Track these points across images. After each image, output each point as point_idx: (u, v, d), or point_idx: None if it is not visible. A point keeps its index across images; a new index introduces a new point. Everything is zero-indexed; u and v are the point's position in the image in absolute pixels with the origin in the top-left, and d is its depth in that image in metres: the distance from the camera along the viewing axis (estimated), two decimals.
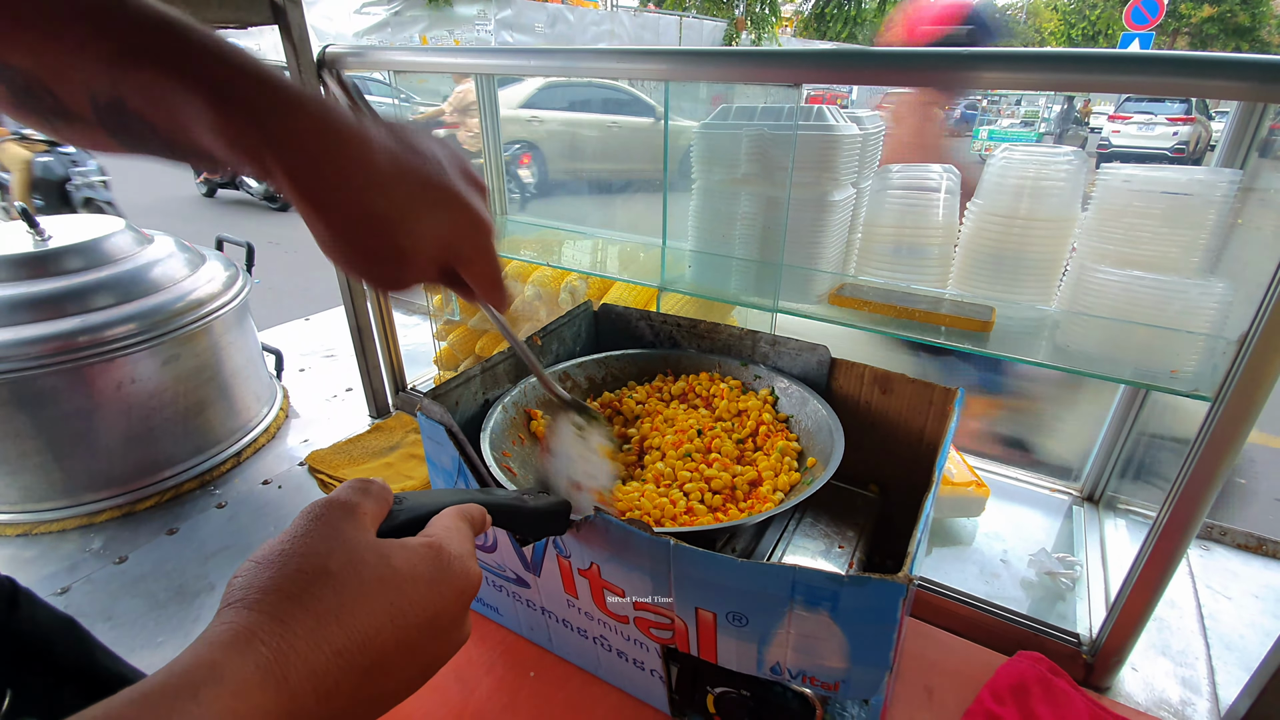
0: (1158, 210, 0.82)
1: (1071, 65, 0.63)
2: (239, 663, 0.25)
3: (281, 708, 0.25)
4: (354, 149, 0.37)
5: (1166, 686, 0.84)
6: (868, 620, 0.49)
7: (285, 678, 0.25)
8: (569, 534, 0.58)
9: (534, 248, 1.24)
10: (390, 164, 0.38)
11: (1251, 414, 0.65)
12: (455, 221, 0.41)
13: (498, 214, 1.47)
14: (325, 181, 0.36)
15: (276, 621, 0.27)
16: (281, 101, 0.35)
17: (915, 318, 0.87)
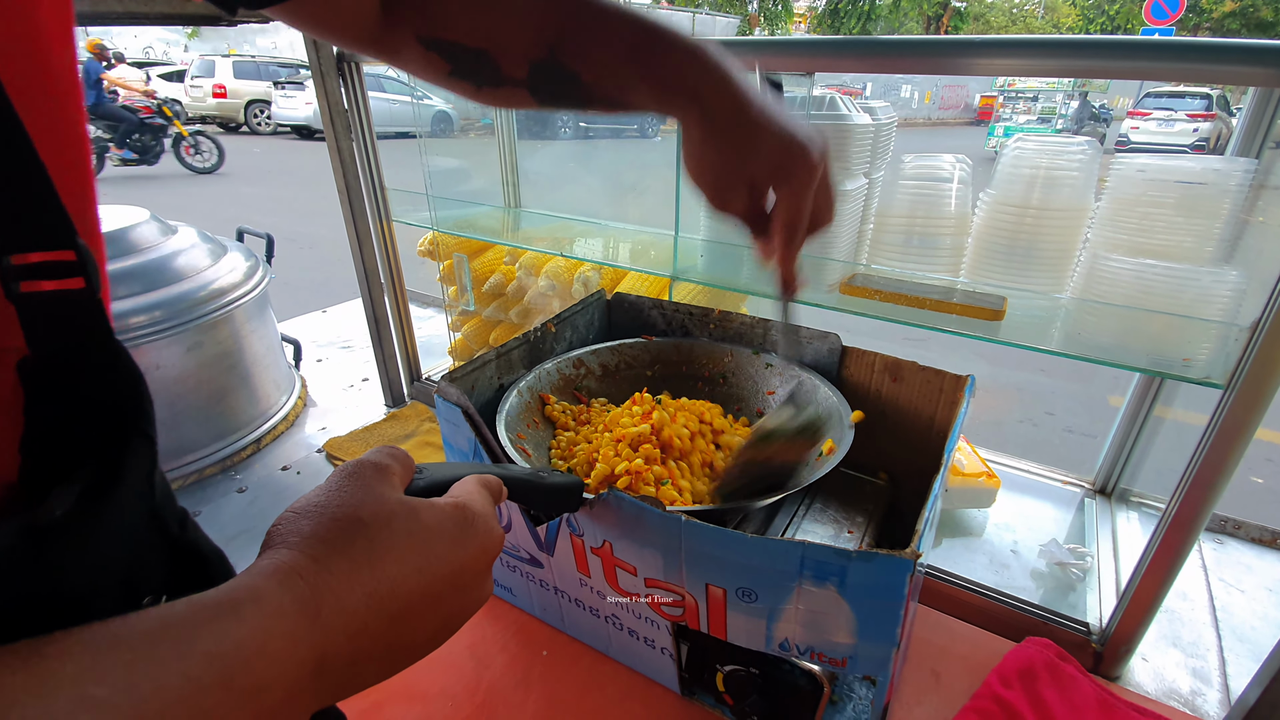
0: (1172, 199, 0.82)
1: (1082, 51, 0.63)
2: (278, 591, 0.26)
3: (313, 638, 0.26)
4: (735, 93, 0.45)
5: (1177, 677, 0.84)
6: (875, 596, 0.50)
7: (319, 611, 0.27)
8: (582, 512, 0.60)
9: (548, 240, 1.26)
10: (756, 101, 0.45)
11: (1263, 401, 0.65)
12: (779, 155, 0.46)
13: (511, 206, 1.49)
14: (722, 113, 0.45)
15: (313, 561, 0.28)
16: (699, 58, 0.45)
17: (926, 307, 0.87)
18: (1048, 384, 3.46)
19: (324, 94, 1.11)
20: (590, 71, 0.47)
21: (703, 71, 0.45)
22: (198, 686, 0.22)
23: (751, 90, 0.46)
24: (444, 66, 0.49)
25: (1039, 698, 0.68)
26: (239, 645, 0.24)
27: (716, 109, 0.45)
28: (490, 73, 0.48)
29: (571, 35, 0.46)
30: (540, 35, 0.47)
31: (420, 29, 0.48)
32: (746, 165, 0.46)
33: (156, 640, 0.22)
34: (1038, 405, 3.25)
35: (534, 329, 0.87)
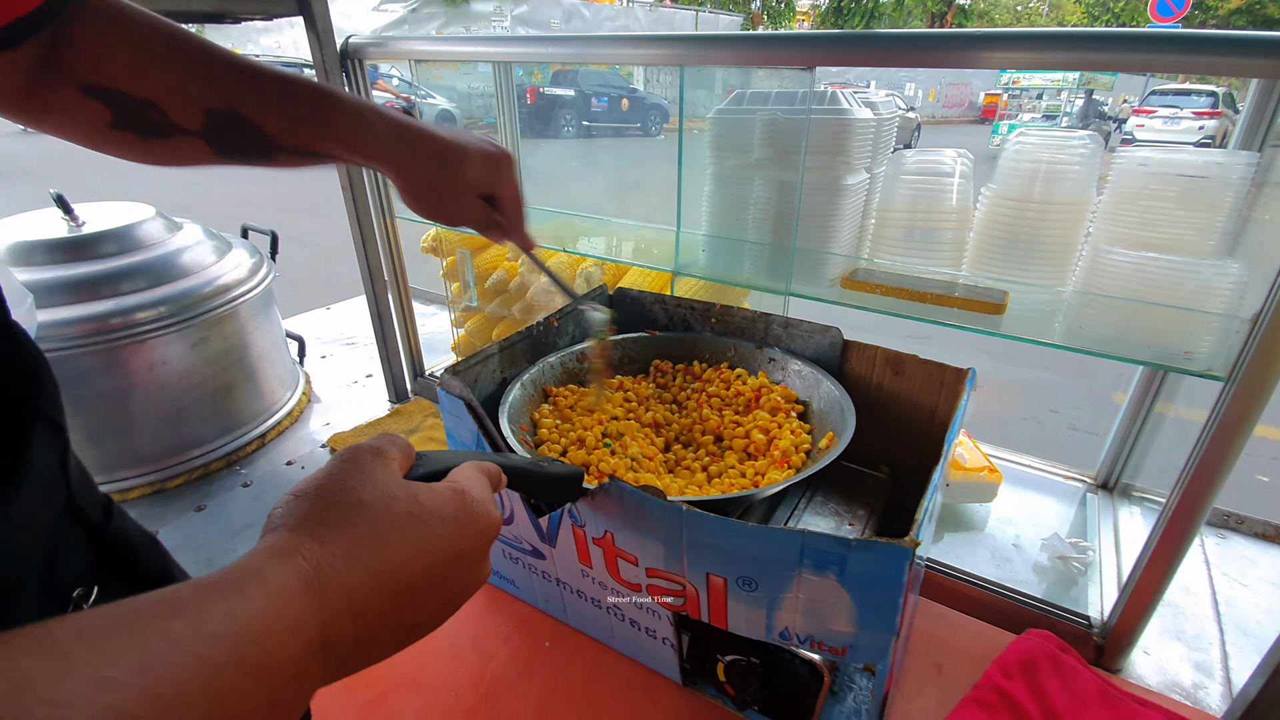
0: (1173, 193, 0.82)
1: (1080, 44, 0.63)
2: (282, 571, 0.27)
3: (319, 616, 0.27)
4: (424, 144, 0.55)
5: (1179, 670, 0.84)
6: (874, 584, 0.50)
7: (323, 590, 0.27)
8: (584, 502, 0.60)
9: (551, 236, 1.26)
10: (443, 143, 0.56)
11: (1264, 394, 0.65)
12: (486, 161, 0.58)
13: None
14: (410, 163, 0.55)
15: (316, 541, 0.29)
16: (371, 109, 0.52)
17: (928, 301, 0.87)
18: (1052, 381, 3.45)
19: None
20: (274, 123, 0.49)
21: (383, 124, 0.53)
22: (210, 666, 0.22)
23: (429, 127, 0.56)
24: (105, 116, 0.46)
25: (1040, 689, 0.68)
26: (248, 625, 0.24)
27: (419, 152, 0.55)
28: (158, 123, 0.47)
29: (250, 86, 0.49)
30: (217, 86, 0.48)
31: (83, 77, 0.45)
32: (467, 182, 0.57)
33: (167, 621, 0.23)
34: (1042, 403, 3.25)
35: (536, 323, 0.88)
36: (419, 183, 0.56)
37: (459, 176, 0.57)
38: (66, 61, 0.44)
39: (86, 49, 0.44)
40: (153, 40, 0.47)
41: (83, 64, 0.45)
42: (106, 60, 0.45)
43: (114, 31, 0.45)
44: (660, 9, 21.25)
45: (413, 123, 0.55)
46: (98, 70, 0.45)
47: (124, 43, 0.46)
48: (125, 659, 0.21)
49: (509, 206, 0.61)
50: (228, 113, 0.48)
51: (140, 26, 0.46)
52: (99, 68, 0.45)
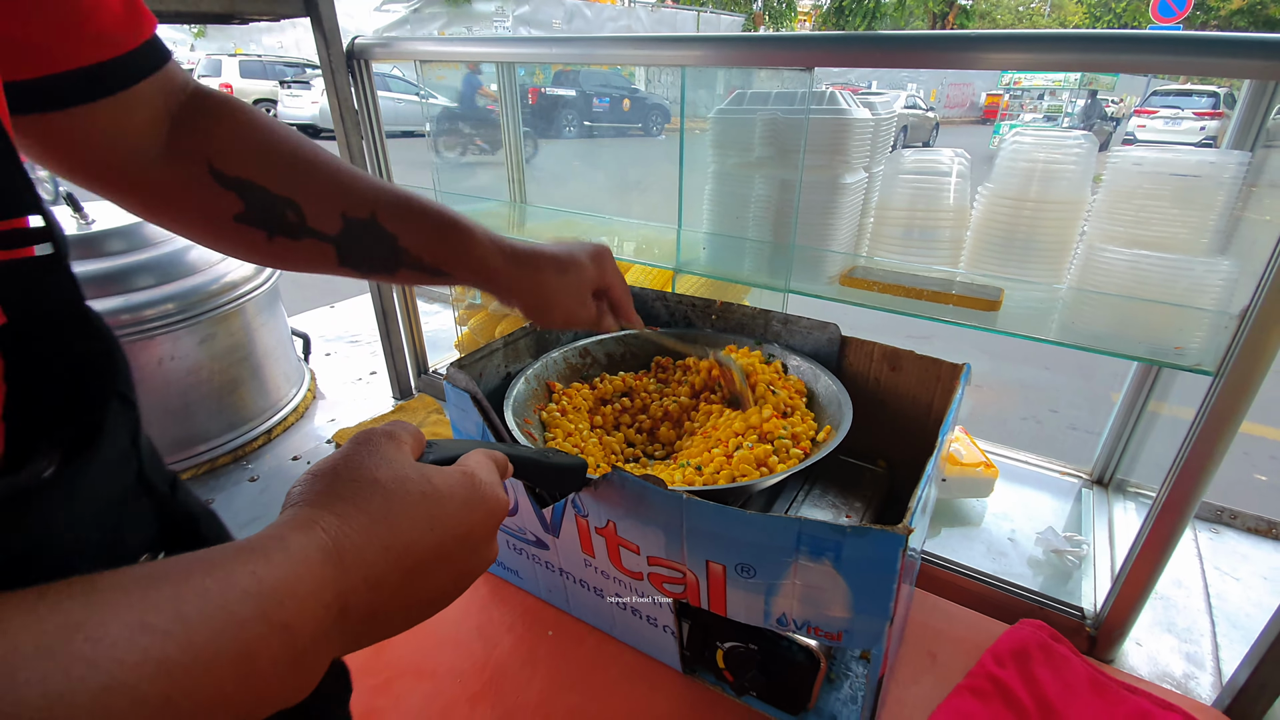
0: (1167, 192, 0.84)
1: (1070, 45, 0.65)
2: (303, 540, 0.28)
3: (336, 585, 0.28)
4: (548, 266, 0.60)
5: (1170, 661, 0.86)
6: (869, 571, 0.52)
7: (341, 560, 0.29)
8: (587, 492, 0.62)
9: (553, 235, 1.28)
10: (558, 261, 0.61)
11: (1251, 387, 0.66)
12: (595, 262, 0.64)
13: (518, 201, 1.51)
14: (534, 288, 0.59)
15: (335, 515, 0.30)
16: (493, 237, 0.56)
17: (924, 298, 0.89)
18: (1052, 380, 3.47)
19: (334, 92, 1.14)
20: (408, 237, 0.52)
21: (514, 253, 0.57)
22: (239, 619, 0.24)
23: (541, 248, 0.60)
24: (236, 207, 0.46)
25: (1032, 676, 0.69)
26: (273, 586, 0.26)
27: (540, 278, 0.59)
28: (293, 224, 0.48)
29: (390, 201, 0.51)
30: (359, 196, 0.50)
31: (217, 165, 0.45)
32: (584, 291, 0.63)
33: (199, 579, 0.24)
34: (1042, 402, 3.26)
35: None
36: (542, 303, 0.60)
37: (577, 285, 0.62)
38: (199, 146, 0.45)
39: (220, 137, 0.46)
40: (292, 144, 0.48)
41: (216, 151, 0.45)
42: (244, 152, 0.46)
43: (246, 130, 0.47)
44: (662, 10, 21.26)
45: (529, 248, 0.59)
46: (235, 161, 0.46)
47: (257, 142, 0.47)
48: (162, 609, 0.23)
49: (619, 295, 0.68)
50: (367, 221, 0.50)
51: (277, 130, 0.48)
52: (236, 158, 0.46)
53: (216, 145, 0.45)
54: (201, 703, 0.22)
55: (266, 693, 0.25)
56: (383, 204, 0.51)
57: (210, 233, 0.48)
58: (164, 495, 0.39)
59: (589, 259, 0.63)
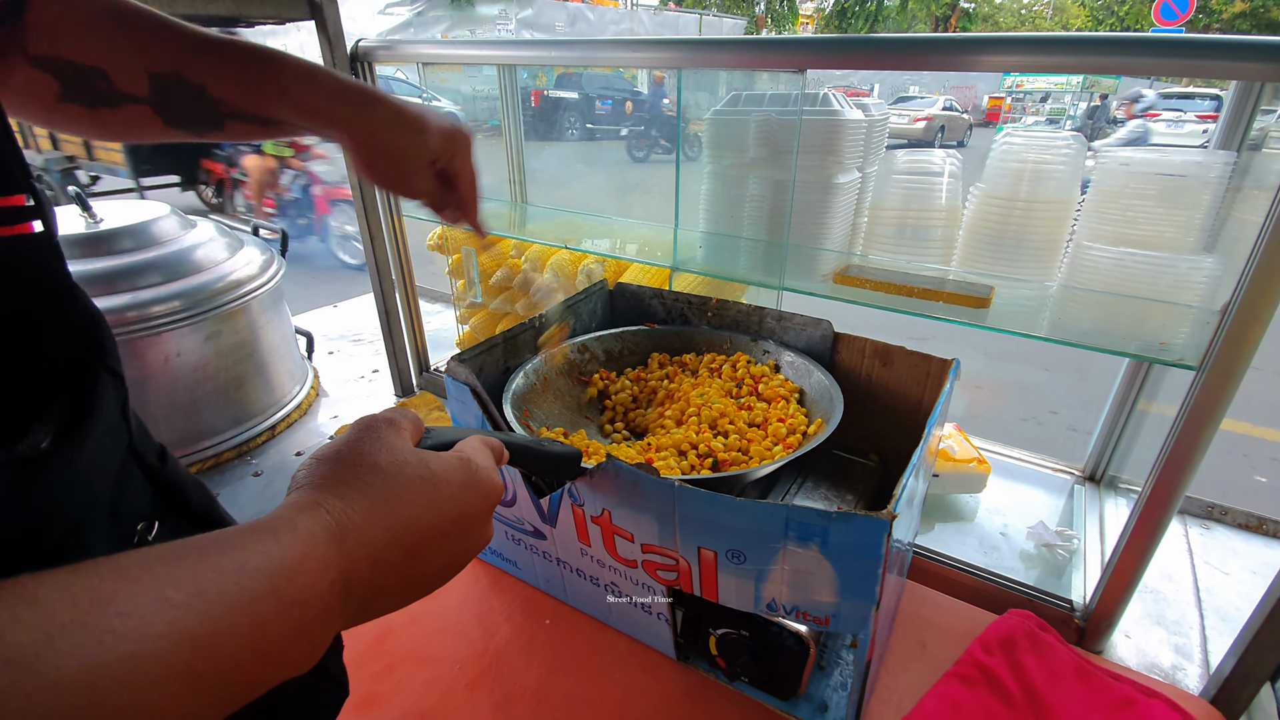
0: (1154, 191, 0.85)
1: (1067, 48, 0.67)
2: (309, 521, 0.30)
3: (340, 563, 0.30)
4: (381, 107, 0.53)
5: (1159, 653, 0.87)
6: (855, 556, 0.53)
7: (344, 540, 0.31)
8: (582, 481, 0.63)
9: (554, 234, 1.30)
10: (400, 110, 0.54)
11: (1232, 382, 0.68)
12: (445, 135, 0.57)
13: (519, 201, 1.53)
14: (364, 126, 0.53)
15: (338, 497, 0.32)
16: (325, 74, 0.51)
17: (916, 295, 0.90)
18: (1051, 381, 3.48)
19: None
20: (220, 88, 0.49)
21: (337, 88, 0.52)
22: (251, 595, 0.26)
23: (385, 93, 0.55)
24: (54, 89, 0.46)
25: (1019, 664, 0.71)
26: (282, 564, 0.28)
27: (374, 116, 0.53)
28: (105, 92, 0.47)
29: (197, 52, 0.48)
30: (162, 51, 0.48)
31: (31, 49, 0.45)
32: (426, 152, 0.56)
33: (214, 557, 0.26)
34: (1042, 403, 3.27)
35: (539, 315, 0.91)
36: (373, 147, 0.54)
37: (416, 145, 0.55)
38: (18, 34, 0.44)
39: (35, 18, 0.44)
40: (100, 8, 0.46)
41: (31, 34, 0.44)
42: (56, 29, 0.45)
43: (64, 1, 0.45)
44: (664, 12, 21.30)
45: (368, 86, 0.53)
46: (48, 40, 0.45)
47: (73, 11, 0.45)
48: (183, 585, 0.24)
49: (464, 185, 0.60)
50: (171, 76, 0.47)
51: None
52: (49, 37, 0.45)
53: (34, 25, 0.44)
54: (220, 671, 0.24)
55: (278, 662, 0.27)
56: (187, 54, 0.48)
57: (44, 117, 0.47)
58: (153, 466, 0.41)
59: (439, 132, 0.56)
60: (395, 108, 0.54)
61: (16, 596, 0.21)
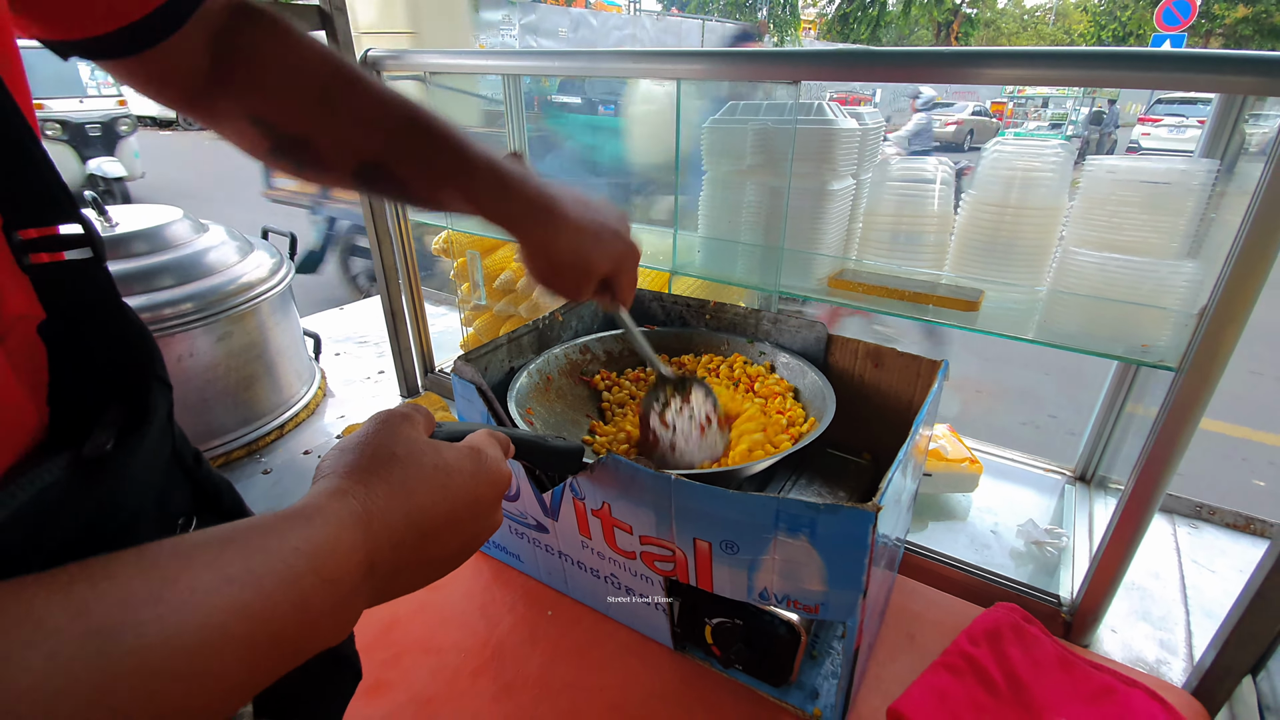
0: (1139, 198, 0.88)
1: (1049, 63, 0.70)
2: (338, 507, 0.33)
3: (365, 545, 0.33)
4: (560, 222, 0.57)
5: (1144, 647, 0.90)
6: (842, 546, 0.56)
7: (369, 525, 0.33)
8: (584, 476, 0.66)
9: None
10: (578, 230, 0.58)
11: (1210, 382, 0.70)
12: (614, 259, 0.62)
13: None
14: (543, 247, 0.57)
15: (362, 485, 0.35)
16: (513, 182, 0.54)
17: (907, 299, 0.93)
18: (1049, 385, 3.50)
19: None
20: (416, 182, 0.54)
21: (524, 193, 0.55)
22: (295, 572, 0.29)
23: (565, 206, 0.57)
24: (265, 143, 0.51)
25: (1004, 655, 0.73)
26: (318, 545, 0.31)
27: (554, 238, 0.56)
28: (313, 161, 0.52)
29: (401, 145, 0.52)
30: (370, 140, 0.51)
31: (246, 100, 0.49)
32: (595, 271, 0.60)
33: (260, 540, 0.29)
34: (1040, 408, 3.29)
35: (542, 317, 0.94)
36: (546, 258, 0.58)
37: (586, 263, 0.59)
38: (235, 84, 0.49)
39: (245, 72, 0.49)
40: (314, 80, 0.50)
41: (241, 87, 0.49)
42: (267, 92, 0.49)
43: (277, 60, 0.49)
44: (667, 18, 21.38)
45: (550, 201, 0.56)
46: (260, 100, 0.49)
47: (285, 78, 0.49)
48: (237, 564, 0.27)
49: (623, 293, 0.67)
50: (376, 166, 0.52)
51: (307, 60, 0.50)
52: (258, 98, 0.49)
53: (249, 75, 0.49)
54: (271, 640, 0.27)
55: (315, 634, 0.30)
56: (394, 147, 0.52)
57: (258, 158, 0.52)
58: (191, 467, 0.44)
59: (609, 254, 0.61)
60: (574, 224, 0.57)
61: (98, 574, 0.24)
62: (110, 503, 0.33)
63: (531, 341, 0.92)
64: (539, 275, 0.60)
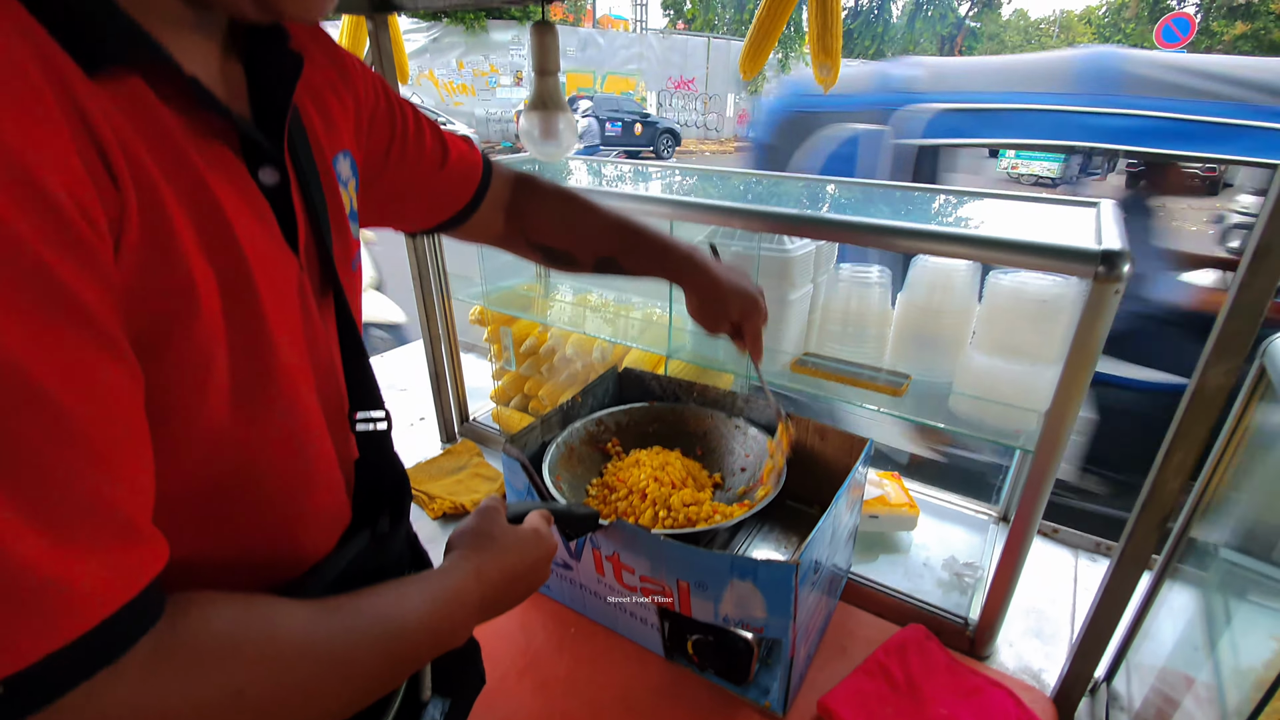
0: (1029, 310, 1.14)
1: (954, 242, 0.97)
2: (466, 566, 0.60)
3: (478, 590, 0.59)
4: (714, 277, 0.87)
5: (1032, 658, 1.15)
6: (775, 587, 0.83)
7: (479, 578, 0.60)
8: (599, 533, 0.94)
9: (568, 319, 1.61)
10: (723, 274, 0.88)
11: (1054, 459, 0.96)
12: (741, 309, 0.89)
13: (542, 276, 1.84)
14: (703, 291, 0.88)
15: (475, 553, 0.62)
16: (690, 255, 0.86)
17: (844, 381, 1.20)
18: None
19: None
20: (631, 264, 0.87)
21: (696, 266, 0.86)
22: (446, 600, 0.56)
23: (717, 266, 0.87)
24: (539, 256, 0.88)
25: (907, 663, 1.00)
26: (457, 588, 0.58)
27: (709, 288, 0.87)
28: (569, 262, 0.88)
29: (625, 245, 0.86)
30: (605, 243, 0.86)
31: (529, 236, 0.86)
32: (729, 313, 0.89)
33: (430, 583, 0.56)
34: (973, 459, 3.49)
35: (566, 401, 1.22)
36: (696, 304, 0.88)
37: (723, 307, 0.88)
38: (520, 226, 0.85)
39: (534, 220, 0.85)
40: (565, 210, 0.85)
41: (528, 228, 0.85)
42: (547, 227, 0.85)
43: (552, 208, 0.85)
44: (672, 36, 21.71)
45: (707, 264, 0.86)
46: (537, 233, 0.85)
47: (556, 215, 0.85)
48: (426, 594, 0.54)
49: (750, 338, 0.92)
50: (609, 259, 0.86)
51: (564, 202, 0.85)
52: (538, 231, 0.85)
53: (528, 223, 0.85)
54: (439, 640, 0.55)
55: (453, 636, 0.57)
56: (620, 245, 0.85)
57: (535, 262, 0.92)
58: (411, 538, 0.72)
59: (741, 300, 0.88)
60: (718, 278, 0.87)
61: (368, 591, 0.51)
62: (385, 558, 0.61)
63: (558, 419, 1.20)
64: (691, 310, 0.89)
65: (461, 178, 0.78)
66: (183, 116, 0.40)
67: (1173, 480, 0.86)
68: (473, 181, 0.79)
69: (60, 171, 0.30)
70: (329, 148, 0.56)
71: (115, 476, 0.32)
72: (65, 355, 0.30)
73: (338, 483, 0.57)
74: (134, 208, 0.34)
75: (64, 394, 0.29)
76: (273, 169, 0.47)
